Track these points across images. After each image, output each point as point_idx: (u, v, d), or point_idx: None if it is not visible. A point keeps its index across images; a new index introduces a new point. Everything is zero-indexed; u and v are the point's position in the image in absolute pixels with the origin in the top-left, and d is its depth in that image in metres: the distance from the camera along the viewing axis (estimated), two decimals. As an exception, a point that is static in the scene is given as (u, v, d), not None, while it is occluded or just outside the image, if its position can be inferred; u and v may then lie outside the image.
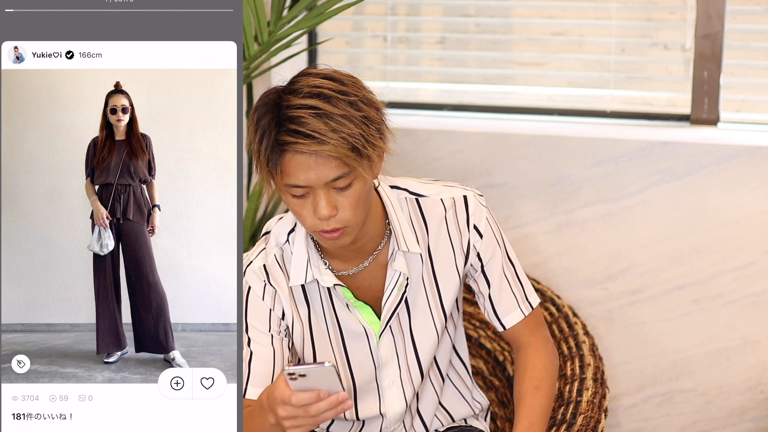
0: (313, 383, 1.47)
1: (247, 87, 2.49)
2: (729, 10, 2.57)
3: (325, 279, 1.74)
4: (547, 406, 1.79)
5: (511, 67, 2.78)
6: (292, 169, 1.57)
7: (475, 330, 2.35)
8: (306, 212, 1.62)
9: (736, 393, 2.58)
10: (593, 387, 2.00)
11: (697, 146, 2.50)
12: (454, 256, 1.81)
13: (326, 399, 1.47)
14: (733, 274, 2.53)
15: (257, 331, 1.76)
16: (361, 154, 1.57)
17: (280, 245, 1.78)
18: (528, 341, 1.85)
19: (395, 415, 1.86)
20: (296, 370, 1.45)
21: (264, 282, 1.76)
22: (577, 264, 2.63)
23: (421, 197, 1.80)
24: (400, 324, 1.81)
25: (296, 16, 2.31)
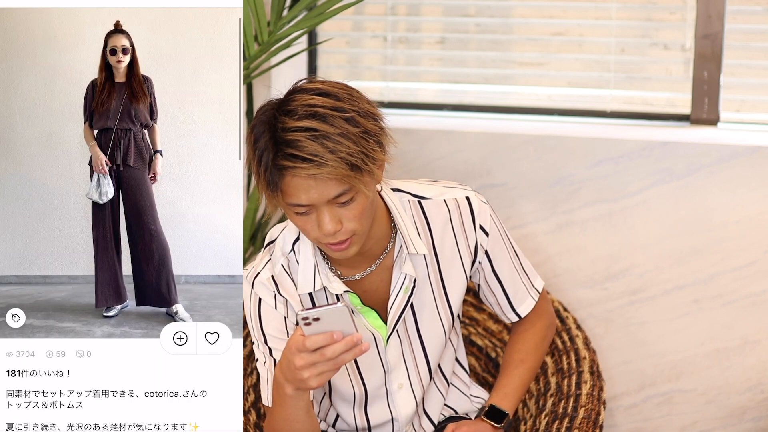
0: (326, 326, 1.44)
1: (247, 87, 2.49)
2: (729, 10, 2.57)
3: (334, 286, 1.74)
4: (527, 378, 1.90)
5: (511, 67, 2.78)
6: (292, 189, 1.56)
7: (466, 327, 2.35)
8: (310, 227, 1.61)
9: (736, 393, 2.58)
10: (591, 380, 2.02)
11: (697, 146, 2.50)
12: (461, 256, 1.81)
13: (341, 340, 1.45)
14: (733, 274, 2.53)
15: (276, 340, 1.74)
16: (361, 170, 1.55)
17: (285, 254, 1.76)
18: (529, 320, 1.93)
19: (406, 417, 1.86)
20: (309, 314, 1.42)
21: (274, 293, 1.75)
22: (577, 264, 2.62)
23: (424, 199, 1.80)
24: (406, 327, 1.81)
25: (296, 16, 2.31)
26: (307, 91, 1.57)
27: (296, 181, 1.54)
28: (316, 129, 1.52)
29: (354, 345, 1.45)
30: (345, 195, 1.57)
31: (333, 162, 1.52)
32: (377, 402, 1.84)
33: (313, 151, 1.52)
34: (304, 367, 1.47)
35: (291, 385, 1.52)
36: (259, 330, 1.75)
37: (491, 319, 2.33)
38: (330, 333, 1.44)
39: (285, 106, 1.56)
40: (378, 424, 1.86)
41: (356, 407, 1.85)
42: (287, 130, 1.53)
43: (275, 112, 1.56)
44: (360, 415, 1.86)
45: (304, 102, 1.55)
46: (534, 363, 1.92)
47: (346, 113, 1.55)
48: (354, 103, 1.57)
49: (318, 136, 1.52)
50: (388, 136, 1.62)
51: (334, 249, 1.63)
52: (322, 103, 1.54)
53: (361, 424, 1.86)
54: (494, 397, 1.88)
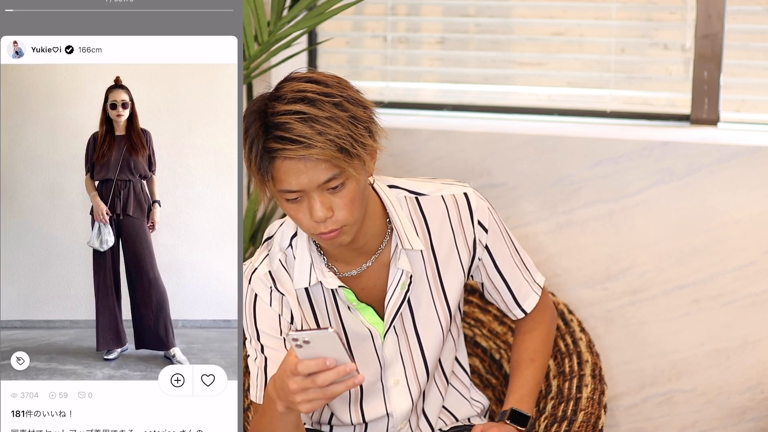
0: (319, 351, 1.43)
1: (247, 87, 2.49)
2: (729, 10, 2.57)
3: (329, 281, 1.74)
4: (540, 377, 1.91)
5: (511, 67, 2.78)
6: (283, 174, 1.57)
7: (471, 329, 2.35)
8: (302, 215, 1.62)
9: (736, 393, 2.58)
10: (592, 383, 2.01)
11: (697, 146, 2.50)
12: (458, 252, 1.81)
13: (333, 368, 1.44)
14: (733, 274, 2.53)
15: (269, 337, 1.75)
16: (350, 154, 1.57)
17: (283, 250, 1.77)
18: (534, 318, 1.94)
19: (402, 414, 1.86)
20: (299, 336, 1.42)
21: (270, 288, 1.76)
22: (577, 264, 2.62)
23: (421, 196, 1.80)
24: (403, 323, 1.81)
25: (296, 16, 2.31)
26: (297, 80, 1.60)
27: (286, 165, 1.56)
28: (304, 112, 1.55)
29: (346, 374, 1.44)
30: (335, 180, 1.58)
31: (321, 143, 1.54)
32: (373, 397, 1.85)
33: (302, 132, 1.54)
34: (297, 392, 1.46)
35: (282, 404, 1.53)
36: (252, 326, 1.75)
37: (496, 320, 2.33)
38: (323, 359, 1.43)
39: (275, 93, 1.59)
40: (373, 419, 1.87)
41: (351, 403, 1.85)
42: (276, 114, 1.55)
43: (266, 101, 1.59)
44: (356, 411, 1.86)
45: (294, 87, 1.58)
46: (544, 359, 1.94)
47: (335, 98, 1.57)
48: (343, 90, 1.60)
49: (306, 119, 1.54)
50: (378, 125, 1.64)
51: (325, 238, 1.64)
52: (311, 89, 1.57)
53: (356, 420, 1.87)
54: (512, 401, 1.87)
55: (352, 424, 1.88)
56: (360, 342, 1.80)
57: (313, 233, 1.64)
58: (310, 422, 1.93)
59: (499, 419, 1.85)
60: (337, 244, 1.66)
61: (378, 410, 1.85)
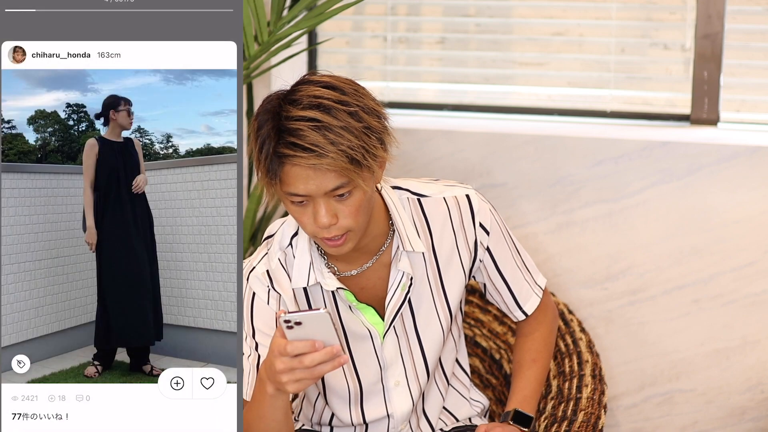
0: (309, 332, 1.45)
1: (247, 87, 2.49)
2: (729, 10, 2.57)
3: (328, 282, 1.74)
4: (542, 377, 1.92)
5: (511, 67, 2.78)
6: (291, 179, 1.56)
7: (471, 329, 2.35)
8: (306, 219, 1.62)
9: (736, 393, 2.58)
10: (592, 383, 2.01)
11: (697, 146, 2.50)
12: (460, 254, 1.81)
13: (321, 350, 1.44)
14: (733, 274, 2.53)
15: (264, 335, 1.75)
16: (360, 165, 1.56)
17: (283, 249, 1.77)
18: (535, 319, 1.94)
19: (402, 414, 1.86)
20: (292, 317, 1.43)
21: (268, 287, 1.76)
22: (577, 264, 2.63)
23: (423, 197, 1.80)
24: (404, 324, 1.81)
25: (296, 16, 2.31)
26: (314, 83, 1.58)
27: (295, 171, 1.55)
28: (319, 120, 1.54)
29: (333, 356, 1.45)
30: (342, 188, 1.57)
31: (333, 153, 1.53)
32: (373, 398, 1.85)
33: (314, 141, 1.53)
34: (283, 372, 1.47)
35: (272, 385, 1.53)
36: (249, 323, 1.76)
37: (496, 320, 2.33)
38: (312, 341, 1.45)
39: (291, 95, 1.58)
40: (373, 420, 1.87)
41: (352, 403, 1.85)
42: (291, 118, 1.54)
43: (281, 102, 1.58)
44: (356, 411, 1.86)
45: (310, 93, 1.56)
46: (546, 360, 1.94)
47: (351, 107, 1.56)
48: (359, 99, 1.58)
49: (320, 127, 1.53)
50: (391, 136, 1.63)
51: (329, 244, 1.64)
52: (327, 96, 1.56)
53: (357, 421, 1.87)
54: (515, 402, 1.88)
55: (352, 425, 1.88)
56: (359, 342, 1.80)
57: (316, 237, 1.64)
58: (310, 423, 1.94)
59: (503, 420, 1.86)
60: (340, 252, 1.66)
61: (378, 411, 1.85)
